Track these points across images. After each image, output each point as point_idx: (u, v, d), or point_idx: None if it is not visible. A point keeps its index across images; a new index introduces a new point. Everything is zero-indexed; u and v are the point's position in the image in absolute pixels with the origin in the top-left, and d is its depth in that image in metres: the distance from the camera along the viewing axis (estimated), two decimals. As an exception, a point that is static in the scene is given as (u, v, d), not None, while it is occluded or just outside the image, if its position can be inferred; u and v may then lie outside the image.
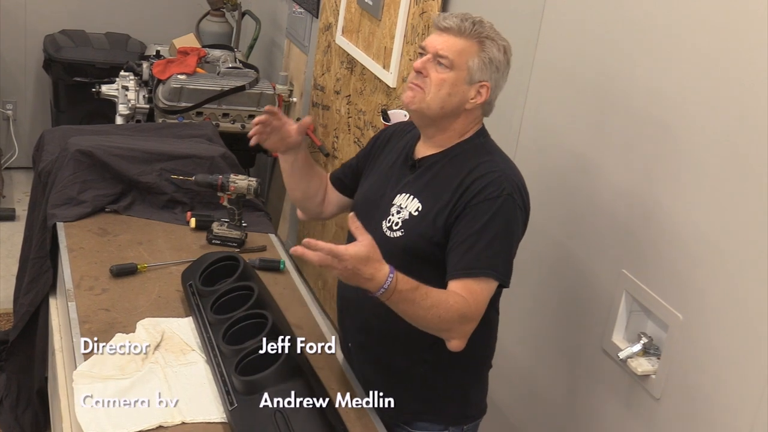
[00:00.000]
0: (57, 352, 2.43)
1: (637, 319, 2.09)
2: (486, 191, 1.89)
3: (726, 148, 1.83)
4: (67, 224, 2.71)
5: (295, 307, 2.41)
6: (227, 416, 1.90)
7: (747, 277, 1.78)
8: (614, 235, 2.15)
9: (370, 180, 2.13)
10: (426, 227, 1.94)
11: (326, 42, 3.91)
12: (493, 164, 1.95)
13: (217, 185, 2.72)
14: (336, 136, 3.84)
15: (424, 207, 1.95)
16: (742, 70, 1.80)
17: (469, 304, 1.83)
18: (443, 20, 1.94)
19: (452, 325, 1.83)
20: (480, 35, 1.93)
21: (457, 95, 1.94)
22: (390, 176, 2.07)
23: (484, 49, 1.93)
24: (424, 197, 1.97)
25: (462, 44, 1.92)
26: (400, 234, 1.97)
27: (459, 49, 1.92)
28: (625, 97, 2.12)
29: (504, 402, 2.57)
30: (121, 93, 3.87)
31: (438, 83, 1.92)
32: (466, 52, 1.92)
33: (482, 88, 1.95)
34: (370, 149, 2.20)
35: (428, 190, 1.97)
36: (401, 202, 2.00)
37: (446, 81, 1.92)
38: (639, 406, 2.07)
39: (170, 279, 2.46)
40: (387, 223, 2.00)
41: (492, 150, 2.01)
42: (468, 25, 1.92)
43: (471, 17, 1.94)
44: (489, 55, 1.93)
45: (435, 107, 1.94)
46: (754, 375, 1.76)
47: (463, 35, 1.92)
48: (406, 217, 1.97)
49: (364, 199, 2.12)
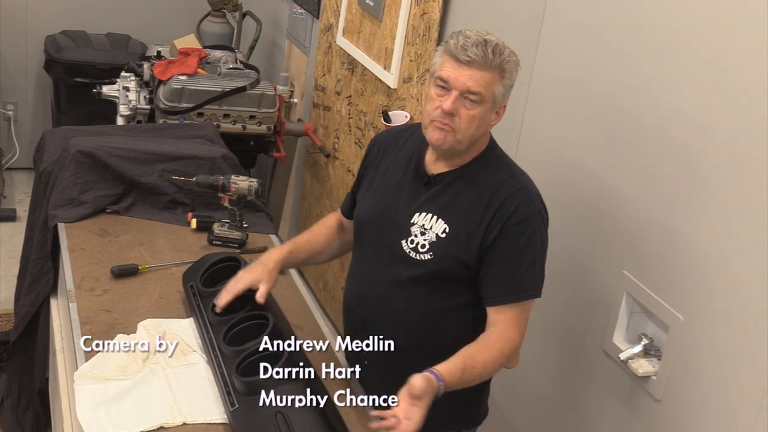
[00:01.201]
0: (58, 353, 2.43)
1: (638, 320, 2.09)
2: (519, 212, 1.91)
3: (725, 149, 1.83)
4: (68, 225, 2.71)
5: (296, 307, 2.41)
6: (228, 417, 1.90)
7: (747, 278, 1.78)
8: (615, 236, 2.15)
9: (376, 194, 2.08)
10: (457, 249, 1.93)
11: (327, 43, 3.91)
12: (516, 181, 1.96)
13: (218, 186, 2.72)
14: (337, 137, 3.84)
15: (452, 228, 1.94)
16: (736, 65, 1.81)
17: (511, 337, 1.91)
18: (464, 52, 1.85)
19: (507, 359, 1.93)
20: (502, 63, 1.88)
21: (483, 125, 1.93)
22: (401, 191, 2.03)
23: (505, 75, 1.90)
24: (449, 218, 1.95)
25: (489, 77, 1.87)
26: (430, 257, 1.96)
27: (487, 83, 1.87)
28: (625, 100, 2.12)
29: (505, 402, 2.57)
30: (122, 94, 3.87)
31: (469, 120, 1.89)
32: (492, 83, 1.88)
33: (501, 108, 1.95)
34: (364, 167, 2.18)
35: (452, 209, 1.95)
36: (424, 223, 1.97)
37: (476, 117, 1.89)
38: (640, 408, 2.07)
39: (171, 280, 2.46)
40: (409, 243, 1.97)
41: (509, 163, 2.02)
42: (490, 56, 1.86)
43: (489, 43, 1.87)
44: (510, 80, 1.92)
45: (466, 142, 1.93)
46: (755, 376, 1.76)
47: (488, 67, 1.87)
48: (434, 239, 1.95)
49: (374, 215, 2.07)
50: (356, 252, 2.14)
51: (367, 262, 2.09)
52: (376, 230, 2.02)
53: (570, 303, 2.33)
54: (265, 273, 2.11)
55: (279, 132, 4.02)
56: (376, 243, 2.05)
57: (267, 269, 2.12)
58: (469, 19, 2.83)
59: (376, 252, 2.06)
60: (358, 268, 2.13)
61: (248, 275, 2.12)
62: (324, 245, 2.22)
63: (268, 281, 2.10)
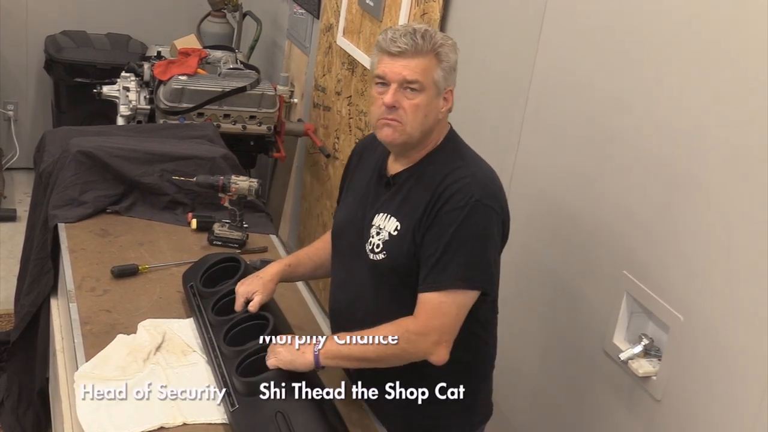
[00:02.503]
0: (58, 353, 2.43)
1: (638, 320, 2.09)
2: (453, 199, 1.87)
3: (725, 148, 1.83)
4: (69, 225, 2.71)
5: (296, 308, 2.41)
6: (228, 417, 1.90)
7: (747, 278, 1.78)
8: (615, 236, 2.15)
9: (348, 201, 2.11)
10: (407, 245, 1.91)
11: (327, 43, 3.92)
12: (464, 169, 1.91)
13: (218, 186, 2.72)
14: (337, 137, 3.84)
15: (402, 225, 1.93)
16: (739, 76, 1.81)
17: (421, 321, 1.86)
18: (393, 44, 1.86)
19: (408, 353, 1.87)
20: (435, 46, 1.87)
21: (431, 112, 1.90)
22: (367, 196, 2.04)
23: (442, 59, 1.88)
24: (402, 215, 1.93)
25: (423, 63, 1.86)
26: (383, 256, 1.95)
27: (423, 69, 1.86)
28: (625, 100, 2.12)
29: (505, 403, 2.57)
30: (122, 94, 3.87)
31: (413, 110, 1.88)
32: (429, 68, 1.87)
33: (447, 94, 1.93)
34: (345, 175, 2.18)
35: (405, 207, 1.93)
36: (380, 223, 1.97)
37: (420, 105, 1.88)
38: (640, 408, 2.07)
39: (171, 280, 2.46)
40: (369, 245, 1.97)
41: (463, 154, 1.97)
42: (421, 42, 1.86)
43: (417, 31, 1.87)
44: (448, 63, 1.90)
45: (417, 134, 1.91)
46: (755, 376, 1.76)
47: (420, 53, 1.86)
48: (386, 237, 1.95)
49: (345, 222, 2.08)
50: (334, 259, 2.15)
51: (342, 269, 2.11)
52: (348, 237, 2.03)
53: (570, 303, 2.33)
54: (261, 285, 2.13)
55: (279, 132, 4.02)
56: (348, 249, 2.05)
57: (263, 281, 2.14)
58: (469, 20, 2.83)
59: (348, 258, 2.06)
60: (335, 275, 2.14)
61: (244, 288, 2.13)
62: (324, 259, 2.22)
63: (262, 293, 2.11)
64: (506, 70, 2.61)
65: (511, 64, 2.58)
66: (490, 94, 2.69)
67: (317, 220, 4.07)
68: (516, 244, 2.10)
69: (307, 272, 2.25)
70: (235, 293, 2.13)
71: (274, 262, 2.23)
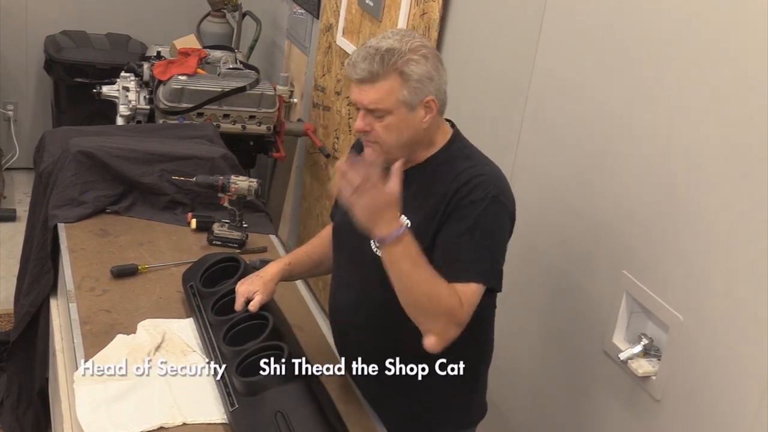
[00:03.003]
0: (58, 353, 2.43)
1: (638, 320, 2.09)
2: (471, 194, 1.87)
3: (725, 148, 1.83)
4: (68, 225, 2.71)
5: (296, 308, 2.41)
6: (228, 417, 1.90)
7: (747, 278, 1.78)
8: (615, 235, 2.15)
9: None
10: (419, 242, 1.88)
11: (327, 43, 3.92)
12: (477, 168, 1.92)
13: (218, 186, 2.72)
14: (337, 137, 3.84)
15: (413, 223, 1.92)
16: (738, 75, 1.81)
17: (461, 305, 1.82)
18: (354, 72, 1.85)
19: (438, 315, 1.80)
20: (396, 66, 1.83)
21: (408, 128, 1.89)
22: None
23: (406, 77, 1.84)
24: (409, 211, 1.92)
25: (384, 87, 1.84)
26: None
27: (384, 94, 1.84)
28: (624, 99, 2.12)
29: (505, 403, 2.57)
30: (122, 94, 3.88)
31: (385, 131, 1.87)
32: (392, 91, 1.84)
33: (428, 102, 1.89)
34: None
35: (413, 202, 1.92)
36: None
37: (391, 126, 1.87)
38: (640, 408, 2.07)
39: (171, 280, 2.46)
40: (376, 243, 1.95)
41: (471, 155, 1.97)
42: (378, 67, 1.82)
43: (378, 51, 1.83)
44: (415, 77, 1.84)
45: (396, 149, 1.90)
46: (755, 376, 1.76)
47: (380, 78, 1.83)
48: None
49: (347, 220, 2.03)
50: (335, 258, 2.15)
51: (344, 268, 2.11)
52: (350, 235, 2.02)
53: (570, 303, 2.33)
54: (261, 284, 2.13)
55: (279, 132, 4.02)
56: (350, 248, 2.05)
57: (263, 281, 2.13)
58: (468, 20, 2.83)
59: (350, 257, 2.06)
60: (337, 274, 2.14)
61: (244, 287, 2.13)
62: (322, 257, 2.22)
63: (263, 292, 2.11)
64: (506, 70, 2.61)
65: (510, 64, 2.58)
66: (489, 93, 2.70)
67: (317, 220, 4.07)
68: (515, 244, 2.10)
69: (306, 271, 2.25)
70: (236, 293, 2.13)
71: (273, 262, 2.23)
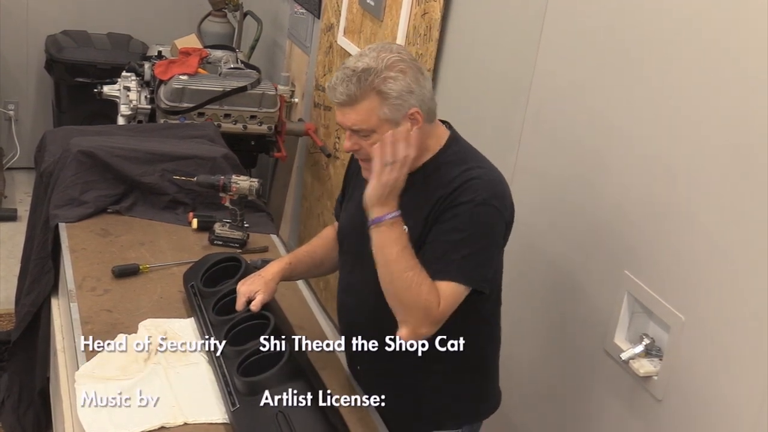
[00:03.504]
0: (59, 353, 2.43)
1: (639, 320, 2.09)
2: (460, 197, 1.87)
3: (725, 148, 1.83)
4: (69, 225, 2.71)
5: (297, 307, 2.41)
6: (229, 417, 1.90)
7: (748, 278, 1.78)
8: (616, 235, 2.15)
9: (354, 203, 2.09)
10: (413, 242, 1.90)
11: (328, 43, 3.92)
12: (470, 172, 1.92)
13: (219, 186, 2.72)
14: (338, 136, 3.84)
15: (408, 224, 1.91)
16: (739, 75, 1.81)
17: (438, 304, 1.83)
18: (334, 96, 1.88)
19: (415, 308, 1.81)
20: (372, 86, 1.85)
21: None
22: None
23: (385, 96, 1.85)
24: (406, 215, 1.91)
25: (364, 108, 1.86)
26: None
27: (365, 115, 1.86)
28: (625, 100, 2.12)
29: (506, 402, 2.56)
30: (123, 93, 3.88)
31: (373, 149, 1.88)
32: (372, 111, 1.86)
33: (413, 115, 1.89)
34: (348, 175, 2.19)
35: (408, 206, 1.92)
36: None
37: (378, 142, 1.87)
38: (641, 408, 2.07)
39: (172, 280, 2.46)
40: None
41: (466, 159, 1.97)
42: (355, 89, 1.84)
43: (355, 72, 1.85)
44: (394, 94, 1.85)
45: None
46: (756, 375, 1.76)
47: (358, 100, 1.85)
48: None
49: (351, 224, 2.08)
50: (340, 260, 2.16)
51: (348, 271, 2.11)
52: (354, 239, 2.03)
53: (571, 303, 2.33)
54: (263, 284, 2.12)
55: (280, 132, 4.02)
56: (355, 251, 2.05)
57: (264, 281, 2.13)
58: (469, 20, 2.83)
59: (354, 260, 2.06)
60: (342, 276, 2.15)
61: (245, 287, 2.13)
62: (323, 256, 2.22)
63: (264, 292, 2.11)
64: (507, 70, 2.61)
65: (511, 64, 2.58)
66: (490, 94, 2.69)
67: (318, 220, 4.07)
68: (516, 245, 2.10)
69: (307, 271, 2.25)
70: (237, 292, 2.13)
71: (274, 261, 2.23)
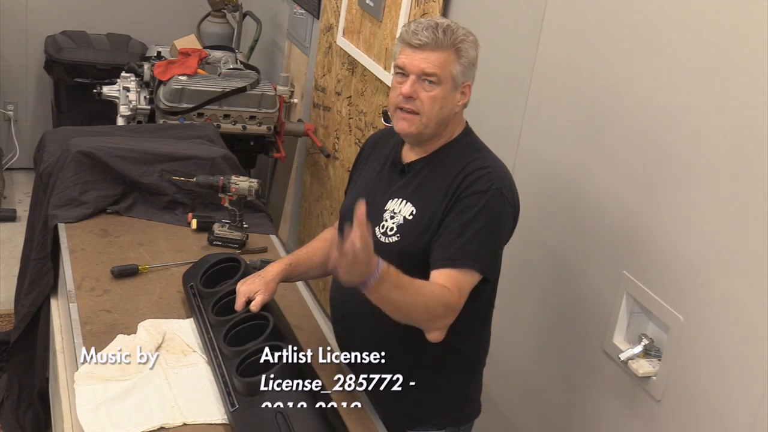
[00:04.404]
0: (58, 353, 2.43)
1: (638, 320, 2.09)
2: (475, 185, 1.92)
3: (725, 149, 1.83)
4: (69, 225, 2.71)
5: (296, 308, 2.41)
6: (228, 417, 1.90)
7: (747, 278, 1.78)
8: (615, 236, 2.15)
9: (358, 187, 2.14)
10: (422, 230, 1.95)
11: (327, 43, 3.92)
12: (483, 161, 1.97)
13: (218, 186, 2.72)
14: (337, 137, 3.84)
15: (419, 210, 1.96)
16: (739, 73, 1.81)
17: (453, 294, 1.85)
18: (414, 37, 1.92)
19: (437, 314, 1.84)
20: (455, 42, 1.92)
21: (448, 105, 1.95)
22: (379, 182, 2.08)
23: (461, 54, 1.93)
24: (416, 200, 1.98)
25: (443, 57, 1.91)
26: (397, 239, 1.98)
27: (442, 63, 1.91)
28: (625, 100, 2.12)
29: (504, 403, 2.57)
30: (122, 94, 3.88)
31: (430, 102, 1.92)
32: (448, 63, 1.92)
33: (465, 88, 1.97)
34: (356, 165, 2.22)
35: (420, 192, 1.98)
36: (394, 207, 2.01)
37: (437, 97, 1.92)
38: (640, 408, 2.07)
39: (171, 280, 2.46)
40: (381, 229, 2.00)
41: (480, 148, 2.03)
42: (442, 36, 1.91)
43: (440, 25, 1.92)
44: (468, 59, 1.95)
45: (432, 124, 1.95)
46: (755, 376, 1.76)
47: (440, 48, 1.91)
48: (401, 221, 1.98)
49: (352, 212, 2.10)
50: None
51: None
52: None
53: (570, 303, 2.33)
54: (263, 284, 2.13)
55: (279, 132, 4.02)
56: None
57: (264, 281, 2.14)
58: (469, 20, 2.82)
59: None
60: None
61: (245, 287, 2.13)
62: (323, 258, 2.22)
63: (264, 292, 2.11)
64: (507, 68, 2.61)
65: (511, 62, 2.58)
66: (490, 91, 2.69)
67: (317, 221, 4.07)
68: (515, 243, 2.11)
69: (306, 272, 2.26)
70: (237, 293, 2.14)
71: (274, 262, 2.23)
